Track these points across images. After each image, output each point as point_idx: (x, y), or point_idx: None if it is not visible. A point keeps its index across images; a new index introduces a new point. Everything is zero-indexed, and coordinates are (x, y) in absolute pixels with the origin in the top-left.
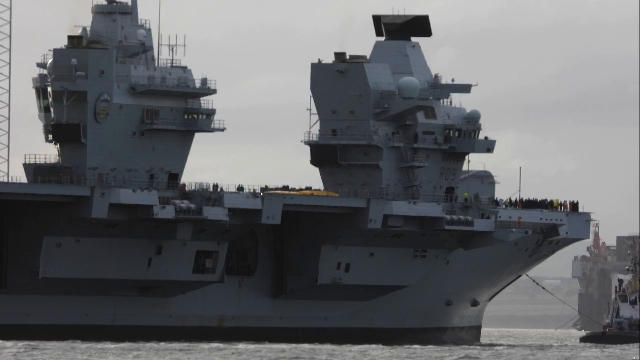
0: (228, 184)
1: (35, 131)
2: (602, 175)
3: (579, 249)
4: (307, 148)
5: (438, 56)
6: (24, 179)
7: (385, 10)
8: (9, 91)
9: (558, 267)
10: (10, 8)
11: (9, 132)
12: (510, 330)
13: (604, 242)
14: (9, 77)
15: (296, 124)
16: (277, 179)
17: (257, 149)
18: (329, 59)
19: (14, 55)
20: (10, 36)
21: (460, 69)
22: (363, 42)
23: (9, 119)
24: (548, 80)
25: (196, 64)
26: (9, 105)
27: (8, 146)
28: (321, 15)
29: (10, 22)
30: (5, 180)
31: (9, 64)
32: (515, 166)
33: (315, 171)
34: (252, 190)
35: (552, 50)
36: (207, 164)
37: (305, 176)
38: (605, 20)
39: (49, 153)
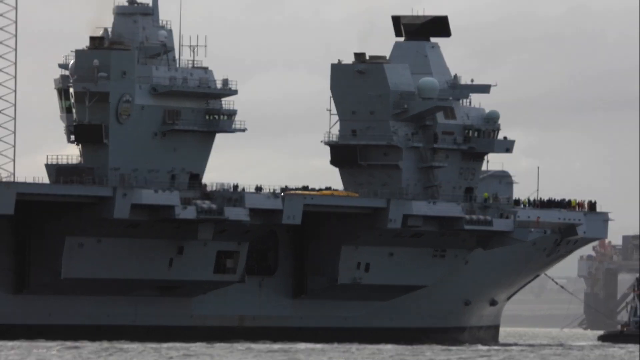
0: (249, 184)
1: (57, 132)
2: (621, 174)
3: (585, 248)
4: (327, 148)
5: (457, 56)
6: (42, 179)
7: (404, 10)
8: (15, 91)
9: (564, 266)
10: (16, 8)
11: (15, 132)
12: (517, 329)
13: (609, 242)
14: (15, 77)
15: (316, 125)
16: (296, 179)
17: (276, 149)
18: (349, 59)
19: (35, 56)
20: (16, 36)
21: (478, 69)
22: (382, 42)
23: (15, 118)
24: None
25: (217, 64)
26: (14, 105)
27: (14, 146)
28: (341, 16)
29: (16, 22)
30: (12, 180)
31: (15, 63)
32: (533, 166)
33: (335, 171)
34: (271, 191)
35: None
36: (227, 164)
37: (325, 176)
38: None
39: (71, 154)
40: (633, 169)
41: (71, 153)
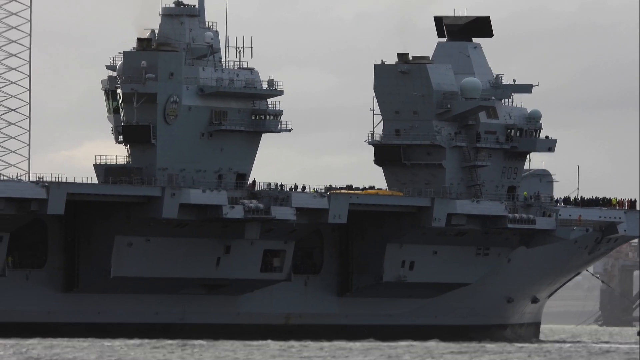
0: (294, 183)
1: (104, 132)
2: None
3: None
4: (371, 148)
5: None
6: (64, 177)
7: (446, 11)
8: (29, 90)
9: None
10: (30, 7)
11: (29, 130)
12: None
13: None
14: (29, 76)
15: (359, 124)
16: (340, 179)
17: (320, 148)
18: (392, 59)
19: (83, 57)
20: (30, 35)
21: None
22: (425, 43)
23: (29, 117)
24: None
25: (262, 64)
26: (29, 104)
27: (29, 144)
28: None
29: (30, 21)
30: (26, 179)
31: (29, 62)
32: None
33: (378, 170)
34: (314, 190)
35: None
36: (272, 164)
37: (369, 175)
38: None
39: (119, 154)
40: None
41: (118, 153)
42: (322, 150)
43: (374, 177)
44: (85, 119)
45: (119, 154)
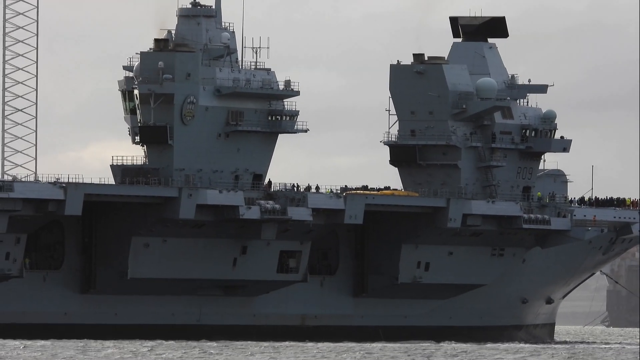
0: (308, 184)
1: (111, 132)
2: None
3: None
4: (386, 148)
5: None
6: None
7: (462, 11)
8: (36, 89)
9: None
10: (38, 7)
11: (36, 131)
12: None
13: None
14: (36, 76)
15: (374, 125)
16: (355, 179)
17: (335, 149)
18: (407, 60)
19: (91, 58)
20: (37, 35)
21: (535, 69)
22: (440, 43)
23: (36, 117)
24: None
25: (279, 65)
26: (36, 103)
27: (35, 145)
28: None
29: (37, 21)
30: (33, 179)
31: (36, 62)
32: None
33: (393, 171)
34: (328, 191)
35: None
36: (286, 164)
37: (383, 176)
38: None
39: (135, 154)
40: None
41: (135, 154)
42: (336, 150)
43: (389, 178)
44: (92, 119)
45: (135, 154)
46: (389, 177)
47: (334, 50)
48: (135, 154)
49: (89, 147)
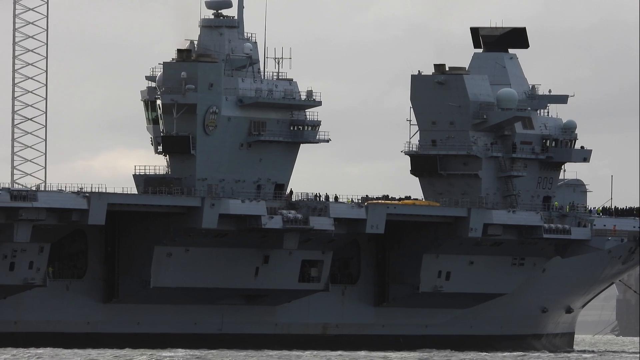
0: (326, 193)
1: (143, 142)
2: None
3: None
4: (407, 158)
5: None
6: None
7: (483, 22)
8: (46, 98)
9: None
10: (47, 16)
11: (45, 140)
12: None
13: None
14: (46, 85)
15: (395, 135)
16: (376, 189)
17: (356, 159)
18: (428, 70)
19: (123, 69)
20: (47, 44)
21: (556, 80)
22: (461, 53)
23: (45, 126)
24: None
25: (301, 75)
26: (45, 113)
27: (45, 153)
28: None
29: (47, 30)
30: (43, 188)
31: (46, 71)
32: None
33: (414, 181)
34: (349, 200)
35: None
36: (307, 173)
37: (404, 186)
38: None
39: (158, 164)
40: None
41: (158, 164)
42: (357, 160)
43: (410, 187)
44: (103, 128)
45: (158, 164)
46: (410, 187)
47: (355, 60)
48: (157, 163)
49: (99, 156)
